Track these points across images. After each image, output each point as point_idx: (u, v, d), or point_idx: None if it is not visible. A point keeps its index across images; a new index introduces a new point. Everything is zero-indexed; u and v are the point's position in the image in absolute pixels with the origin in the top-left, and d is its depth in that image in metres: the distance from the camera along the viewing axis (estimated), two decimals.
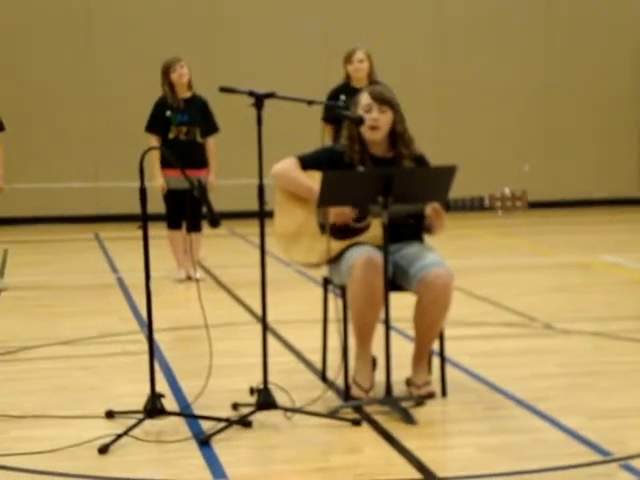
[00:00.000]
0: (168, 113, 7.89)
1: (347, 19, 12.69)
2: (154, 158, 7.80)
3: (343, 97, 7.62)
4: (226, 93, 4.28)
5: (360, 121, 4.53)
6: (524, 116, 13.37)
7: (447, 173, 4.28)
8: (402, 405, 4.26)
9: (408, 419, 4.15)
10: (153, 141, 7.86)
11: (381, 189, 4.19)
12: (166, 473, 3.66)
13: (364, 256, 4.36)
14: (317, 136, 7.97)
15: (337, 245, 4.53)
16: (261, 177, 4.15)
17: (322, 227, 4.59)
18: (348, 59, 7.81)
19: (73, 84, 12.40)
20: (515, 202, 4.49)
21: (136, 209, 4.22)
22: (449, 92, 13.12)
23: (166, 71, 7.91)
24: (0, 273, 7.98)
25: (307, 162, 4.63)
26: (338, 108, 6.03)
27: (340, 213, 4.50)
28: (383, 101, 4.56)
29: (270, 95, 4.21)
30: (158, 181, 7.84)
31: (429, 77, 13.03)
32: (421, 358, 4.58)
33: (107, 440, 3.89)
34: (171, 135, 7.90)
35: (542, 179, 13.25)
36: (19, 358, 5.54)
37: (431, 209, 4.44)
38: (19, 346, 5.77)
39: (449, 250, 5.97)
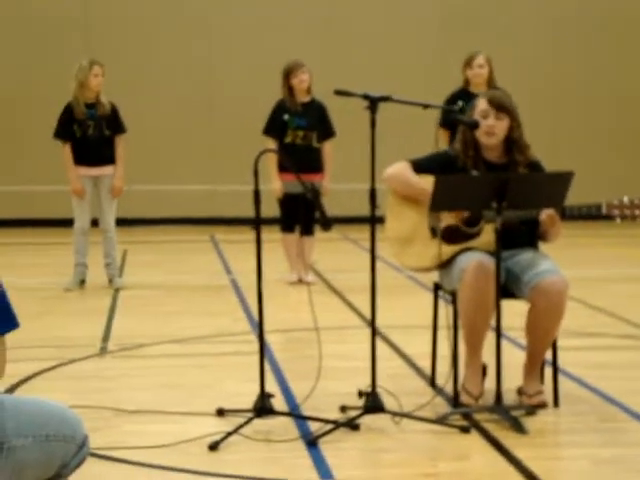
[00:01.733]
0: (286, 117, 7.91)
1: (465, 22, 12.56)
2: (271, 161, 7.80)
3: (461, 103, 7.53)
4: (341, 96, 4.29)
5: (475, 125, 4.49)
6: None
7: (564, 179, 4.20)
8: (512, 414, 4.20)
9: (518, 428, 4.09)
10: (270, 144, 7.81)
11: (495, 194, 4.14)
12: (274, 472, 3.69)
13: (476, 261, 4.32)
14: (431, 140, 7.95)
15: (448, 250, 4.49)
16: (373, 181, 4.14)
17: (433, 231, 4.56)
18: (468, 64, 7.73)
19: (193, 91, 12.63)
20: (634, 210, 4.36)
21: (251, 212, 4.26)
22: (566, 93, 12.82)
23: (287, 75, 7.90)
24: (119, 272, 8.18)
25: (420, 166, 4.61)
26: (453, 112, 5.99)
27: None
28: (500, 108, 4.50)
29: (385, 98, 4.19)
30: (276, 184, 7.85)
31: (547, 76, 12.75)
32: (533, 367, 4.50)
33: (217, 437, 3.95)
34: (288, 139, 7.91)
35: None
36: (135, 355, 5.68)
37: (546, 215, 4.36)
38: (135, 343, 5.92)
39: (565, 259, 5.82)
